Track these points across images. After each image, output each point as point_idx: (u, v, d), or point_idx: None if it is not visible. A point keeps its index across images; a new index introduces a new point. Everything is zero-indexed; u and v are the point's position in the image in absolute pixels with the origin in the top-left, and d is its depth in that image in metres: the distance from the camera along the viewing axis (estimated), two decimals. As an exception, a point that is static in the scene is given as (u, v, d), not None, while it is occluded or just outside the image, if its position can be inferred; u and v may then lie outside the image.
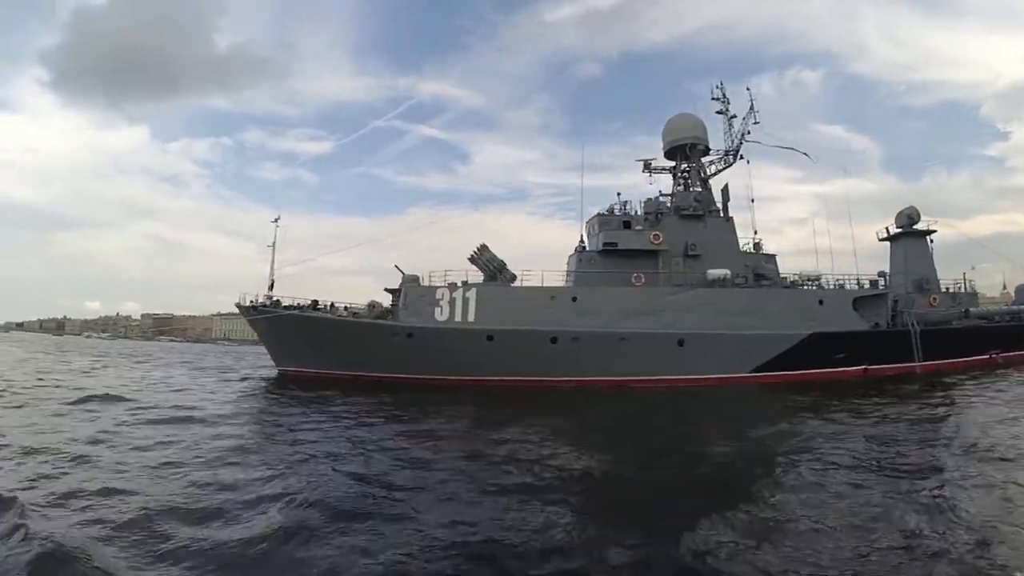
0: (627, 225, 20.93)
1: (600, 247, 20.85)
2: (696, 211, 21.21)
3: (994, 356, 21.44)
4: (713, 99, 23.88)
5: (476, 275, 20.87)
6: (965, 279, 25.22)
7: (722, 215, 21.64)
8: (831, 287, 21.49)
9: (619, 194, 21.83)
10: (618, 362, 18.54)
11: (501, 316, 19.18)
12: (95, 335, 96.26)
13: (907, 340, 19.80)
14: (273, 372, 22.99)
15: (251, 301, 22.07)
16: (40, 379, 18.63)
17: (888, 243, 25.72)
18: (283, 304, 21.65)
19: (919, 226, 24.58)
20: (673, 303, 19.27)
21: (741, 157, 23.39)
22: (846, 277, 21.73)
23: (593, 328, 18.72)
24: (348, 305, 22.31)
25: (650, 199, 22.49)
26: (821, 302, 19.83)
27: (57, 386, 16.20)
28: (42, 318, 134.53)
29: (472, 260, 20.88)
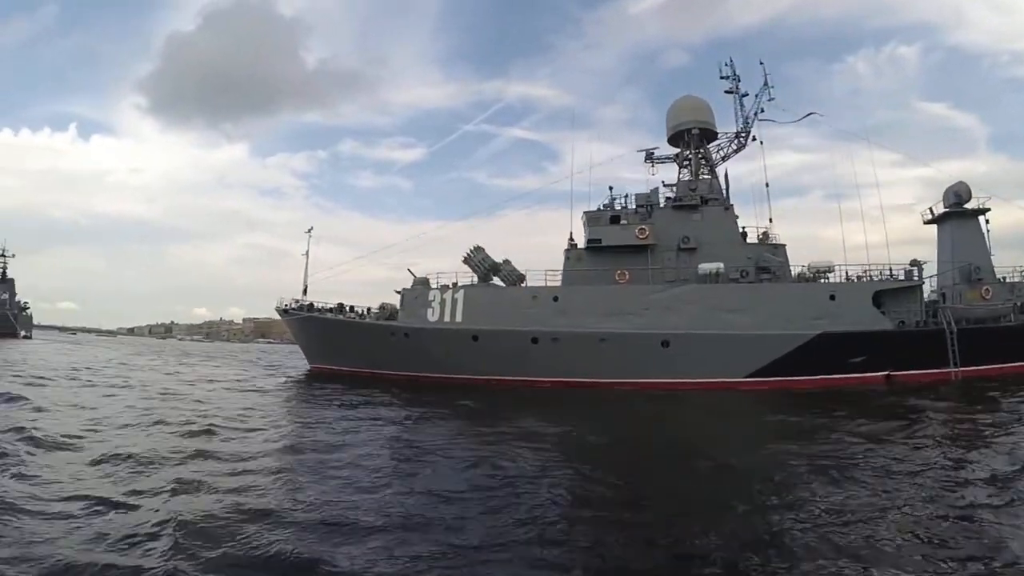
0: (615, 220, 19.69)
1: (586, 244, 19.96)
2: (690, 201, 19.34)
3: None
4: (722, 78, 21.27)
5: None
6: None
7: (722, 204, 19.41)
8: (857, 280, 18.73)
9: (611, 188, 20.52)
10: (599, 364, 17.66)
11: (486, 317, 19.10)
12: (188, 338, 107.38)
13: (941, 341, 16.97)
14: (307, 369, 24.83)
15: (286, 305, 23.90)
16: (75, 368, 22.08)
17: (936, 227, 21.76)
18: (315, 307, 23.03)
19: (970, 205, 20.66)
20: (658, 301, 17.86)
21: (754, 139, 20.83)
22: (873, 267, 18.80)
23: (573, 328, 17.97)
24: (371, 308, 22.96)
25: (654, 190, 20.56)
26: (833, 297, 17.40)
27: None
28: (151, 324, 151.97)
29: (465, 261, 20.74)
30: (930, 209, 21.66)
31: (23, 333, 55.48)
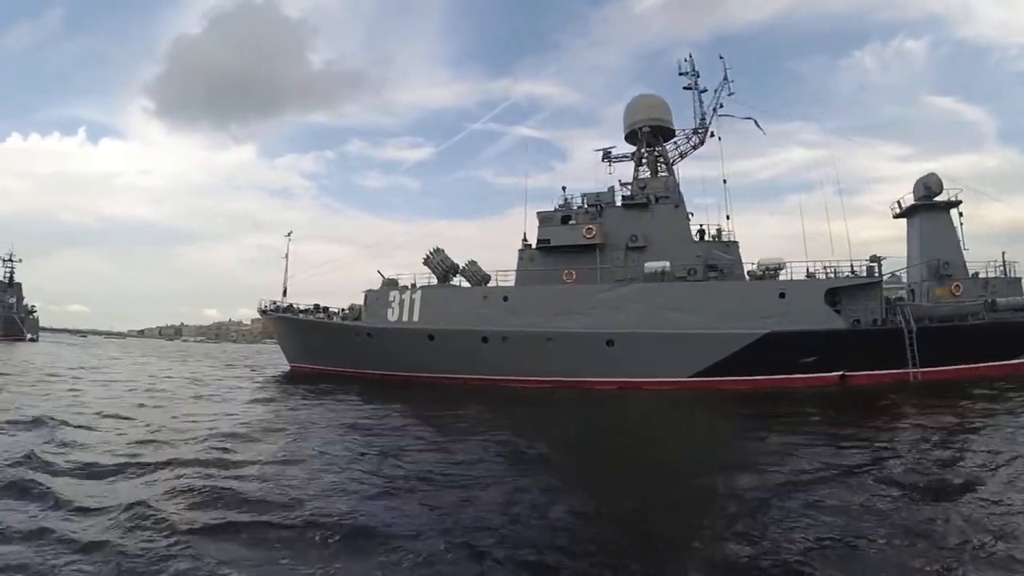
0: (567, 220, 19.57)
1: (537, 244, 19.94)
2: (640, 200, 19.11)
3: None
4: (681, 74, 20.81)
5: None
6: (1005, 261, 19.80)
7: (672, 202, 19.00)
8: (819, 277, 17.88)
9: (564, 188, 20.42)
10: (546, 362, 17.72)
11: (441, 317, 19.45)
12: (190, 339, 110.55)
13: (900, 341, 16.06)
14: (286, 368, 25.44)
15: (264, 306, 24.97)
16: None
17: (906, 221, 20.82)
18: (294, 308, 23.94)
19: (942, 197, 19.54)
20: (604, 300, 17.69)
21: (712, 135, 20.44)
22: (833, 263, 18.00)
23: (521, 328, 18.08)
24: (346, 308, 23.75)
25: (609, 189, 20.35)
26: (783, 295, 16.84)
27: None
28: (161, 326, 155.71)
29: (425, 262, 21.18)
30: (898, 202, 20.73)
31: (29, 336, 56.71)
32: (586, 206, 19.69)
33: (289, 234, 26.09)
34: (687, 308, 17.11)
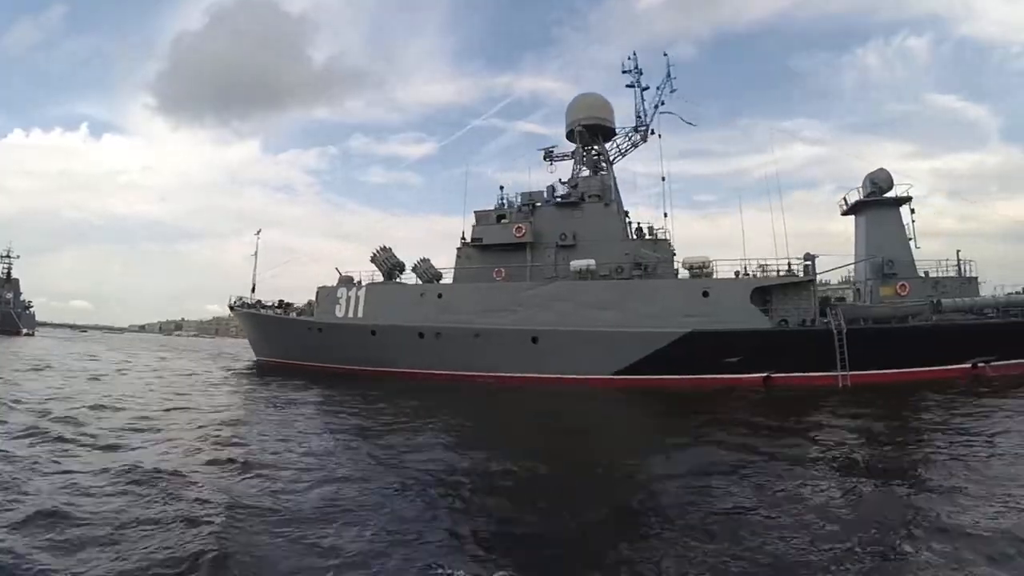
0: (501, 219, 19.86)
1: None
2: (571, 199, 19.17)
3: (980, 366, 16.17)
4: (624, 72, 20.78)
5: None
6: (960, 260, 19.06)
7: (603, 200, 19.10)
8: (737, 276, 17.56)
9: (502, 187, 20.66)
10: (475, 358, 18.09)
11: (383, 313, 20.10)
12: (183, 334, 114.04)
13: (829, 342, 15.58)
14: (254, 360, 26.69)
15: (232, 302, 26.13)
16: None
17: (853, 219, 20.12)
18: (262, 304, 25.15)
19: (892, 194, 18.92)
20: (530, 298, 17.86)
21: (652, 132, 20.39)
22: (769, 262, 17.54)
23: (453, 324, 18.51)
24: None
25: (549, 187, 20.49)
26: (706, 294, 16.66)
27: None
28: (162, 321, 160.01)
29: (372, 259, 21.93)
30: (844, 198, 20.08)
31: (25, 331, 58.23)
32: (520, 205, 19.88)
33: (258, 232, 27.32)
34: (610, 306, 17.08)
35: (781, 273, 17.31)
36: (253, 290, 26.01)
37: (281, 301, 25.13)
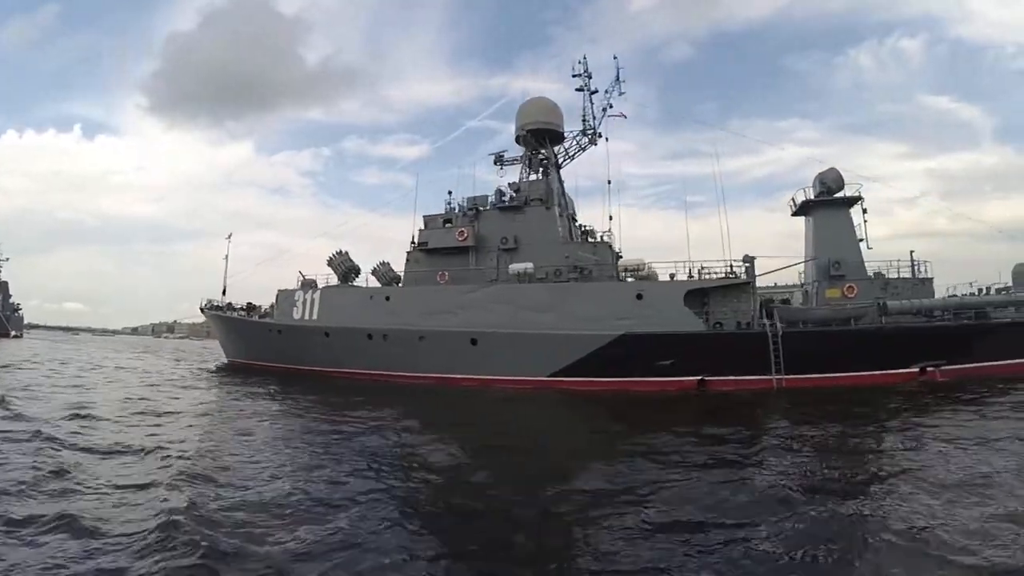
0: (448, 222, 20.30)
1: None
2: (513, 203, 19.42)
3: (930, 370, 15.91)
4: (574, 75, 21.05)
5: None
6: (913, 260, 18.62)
7: (544, 204, 19.37)
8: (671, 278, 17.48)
9: (450, 192, 21.02)
10: (420, 359, 18.55)
11: (336, 315, 20.69)
12: (172, 336, 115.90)
13: (764, 345, 15.52)
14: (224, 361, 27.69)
15: (202, 305, 27.16)
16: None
17: (804, 219, 19.96)
18: (232, 307, 26.13)
19: (843, 194, 18.81)
20: (471, 301, 18.13)
21: (599, 135, 20.66)
22: (710, 264, 17.46)
23: (399, 326, 18.99)
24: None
25: (497, 191, 20.81)
26: (640, 296, 16.65)
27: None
28: (154, 323, 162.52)
29: (329, 263, 22.63)
30: (792, 199, 19.84)
31: (14, 333, 59.21)
32: (465, 209, 20.21)
33: (229, 236, 28.27)
34: (546, 309, 17.24)
35: (717, 276, 17.23)
36: (224, 292, 26.87)
37: (249, 303, 25.98)
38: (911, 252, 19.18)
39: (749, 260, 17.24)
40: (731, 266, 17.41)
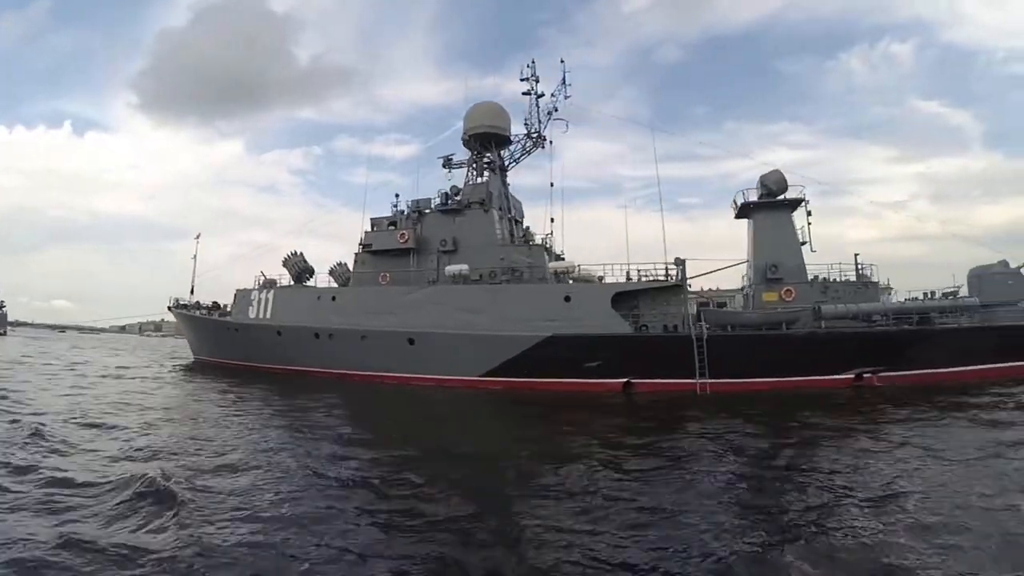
0: (393, 224, 20.82)
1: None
2: (453, 205, 19.85)
3: (867, 376, 15.75)
4: (522, 79, 21.42)
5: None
6: (858, 264, 18.38)
7: (483, 207, 19.74)
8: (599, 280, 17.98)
9: (397, 195, 21.55)
10: (363, 358, 19.16)
11: (288, 314, 21.46)
12: (153, 334, 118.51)
13: (689, 349, 15.63)
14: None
15: (173, 303, 28.29)
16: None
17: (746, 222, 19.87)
18: (200, 306, 27.30)
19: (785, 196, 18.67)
20: (409, 302, 18.63)
21: (543, 138, 21.05)
22: (642, 266, 17.76)
23: (343, 326, 19.63)
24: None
25: (443, 193, 21.41)
26: (568, 298, 16.91)
27: None
28: (142, 321, 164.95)
29: (284, 263, 23.54)
30: (734, 200, 19.71)
31: None
32: (408, 212, 20.73)
33: (198, 236, 29.41)
34: (479, 310, 17.61)
35: (647, 279, 17.45)
36: (192, 292, 27.94)
37: (215, 302, 27.13)
38: (855, 255, 19.04)
39: (680, 263, 17.40)
40: (667, 269, 17.75)
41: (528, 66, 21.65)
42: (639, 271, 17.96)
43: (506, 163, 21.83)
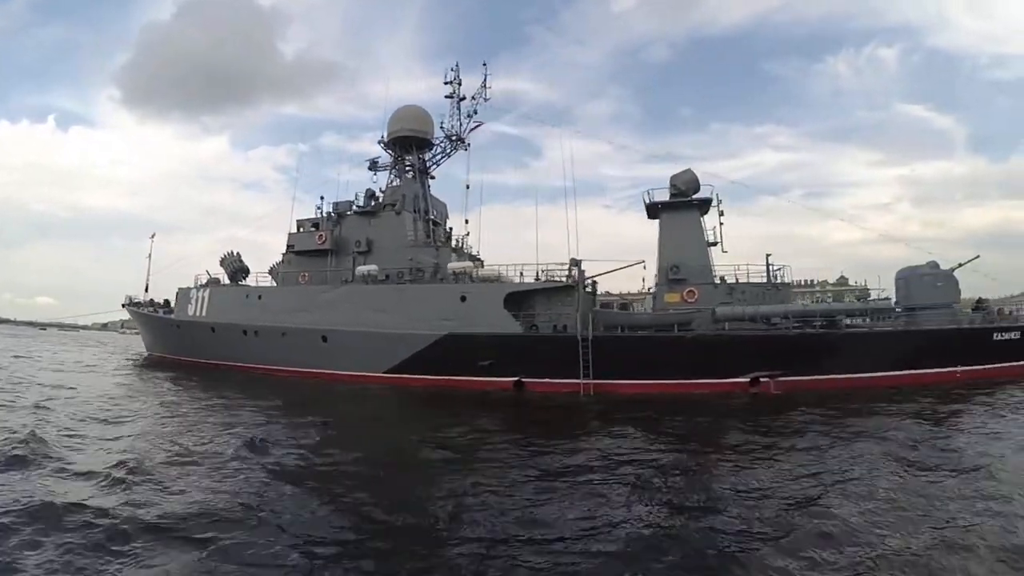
0: (316, 226, 21.81)
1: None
2: (368, 208, 20.73)
3: (763, 381, 15.56)
4: (446, 83, 22.05)
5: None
6: (769, 265, 18.32)
7: (395, 209, 20.55)
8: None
9: (322, 197, 22.40)
10: (284, 354, 20.20)
11: (220, 312, 22.63)
12: (131, 332, 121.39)
13: (574, 349, 15.96)
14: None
15: (123, 302, 29.98)
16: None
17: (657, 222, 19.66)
18: (153, 303, 28.84)
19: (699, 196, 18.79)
20: (324, 301, 19.54)
21: (462, 141, 21.68)
22: (546, 268, 18.30)
23: (267, 323, 20.75)
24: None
25: (368, 196, 22.53)
26: (464, 298, 17.50)
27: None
28: (125, 319, 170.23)
29: (221, 262, 24.70)
30: (643, 199, 19.81)
31: None
32: (328, 213, 21.63)
33: (152, 236, 30.90)
34: (385, 309, 18.36)
35: (543, 279, 17.87)
36: (147, 289, 29.40)
37: (166, 300, 28.25)
38: (767, 256, 19.17)
39: (575, 263, 17.97)
40: (570, 270, 18.35)
41: (452, 69, 22.44)
42: (544, 271, 18.48)
43: (428, 165, 22.72)
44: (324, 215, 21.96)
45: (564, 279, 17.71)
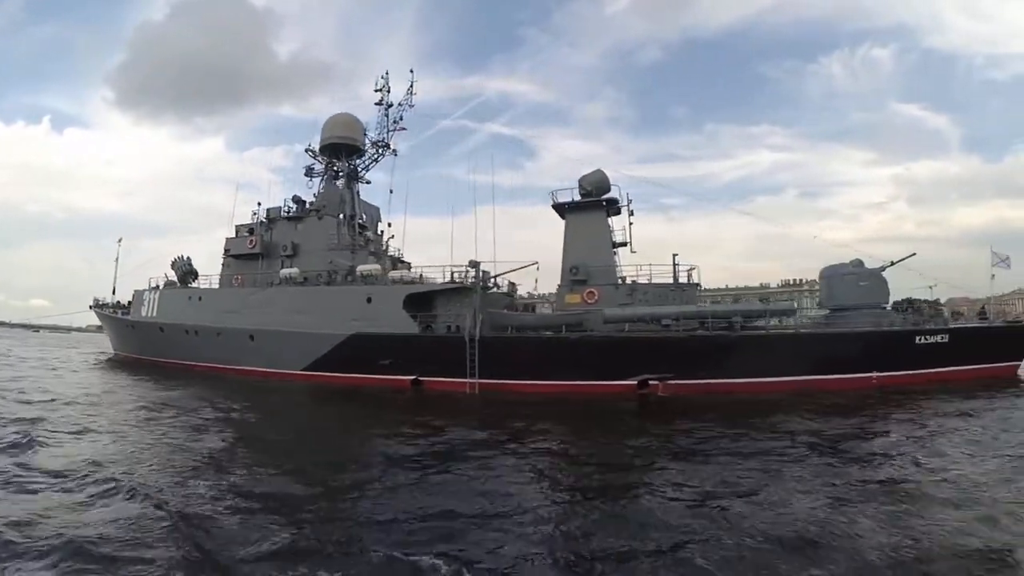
0: (251, 231, 23.17)
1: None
2: (296, 213, 22.08)
3: (652, 384, 15.69)
4: (376, 90, 23.01)
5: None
6: (676, 265, 18.65)
7: (319, 214, 21.73)
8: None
9: (259, 203, 23.70)
10: (219, 352, 21.68)
11: (168, 313, 24.27)
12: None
13: (462, 350, 16.67)
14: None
15: (90, 303, 32.19)
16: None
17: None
18: (120, 305, 30.88)
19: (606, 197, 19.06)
20: (252, 302, 20.89)
21: (388, 146, 22.78)
22: (459, 269, 19.02)
23: (205, 323, 22.29)
24: None
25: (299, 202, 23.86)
26: (370, 300, 18.37)
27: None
28: None
29: (172, 265, 26.26)
30: (551, 196, 20.10)
31: None
32: (261, 219, 22.95)
33: (119, 240, 32.69)
34: (303, 310, 19.58)
35: (444, 280, 18.67)
36: (114, 292, 31.34)
37: (130, 301, 29.90)
38: (674, 256, 18.93)
39: (474, 265, 18.43)
40: (478, 270, 18.76)
41: (382, 77, 23.83)
42: (453, 272, 19.26)
43: (358, 171, 24.37)
44: (259, 221, 23.76)
45: (463, 280, 18.86)
